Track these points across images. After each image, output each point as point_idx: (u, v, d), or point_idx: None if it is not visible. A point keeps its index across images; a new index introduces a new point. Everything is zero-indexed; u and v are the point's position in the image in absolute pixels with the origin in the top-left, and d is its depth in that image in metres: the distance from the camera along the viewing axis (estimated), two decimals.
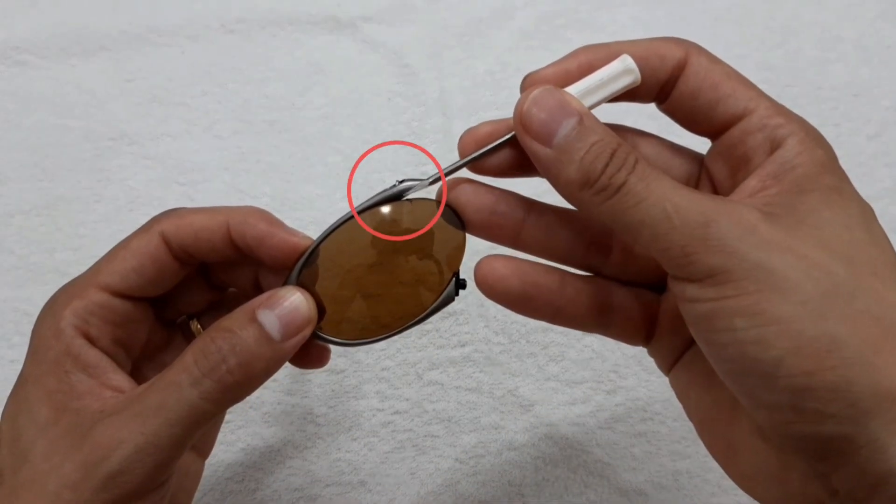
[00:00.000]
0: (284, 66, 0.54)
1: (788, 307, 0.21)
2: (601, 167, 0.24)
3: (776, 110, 0.26)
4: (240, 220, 0.29)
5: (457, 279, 0.29)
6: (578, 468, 0.44)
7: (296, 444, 0.45)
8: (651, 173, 0.24)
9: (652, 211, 0.23)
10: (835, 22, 0.56)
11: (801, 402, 0.21)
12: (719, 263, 0.22)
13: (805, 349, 0.21)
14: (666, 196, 0.23)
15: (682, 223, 0.23)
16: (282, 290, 0.28)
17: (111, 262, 0.29)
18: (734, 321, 0.22)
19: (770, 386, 0.22)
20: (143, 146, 0.52)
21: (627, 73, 0.26)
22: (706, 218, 0.22)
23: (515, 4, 0.57)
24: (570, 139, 0.24)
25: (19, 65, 0.54)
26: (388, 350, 0.47)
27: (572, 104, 0.25)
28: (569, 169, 0.24)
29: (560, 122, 0.24)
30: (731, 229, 0.22)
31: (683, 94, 0.26)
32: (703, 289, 0.23)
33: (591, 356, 0.47)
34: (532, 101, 0.25)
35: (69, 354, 0.27)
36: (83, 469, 0.25)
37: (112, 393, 0.27)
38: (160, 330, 0.32)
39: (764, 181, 0.25)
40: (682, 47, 0.26)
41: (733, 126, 0.26)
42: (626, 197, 0.23)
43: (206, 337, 0.27)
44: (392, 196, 0.29)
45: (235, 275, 0.32)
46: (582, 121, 0.24)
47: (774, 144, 0.25)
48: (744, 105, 0.26)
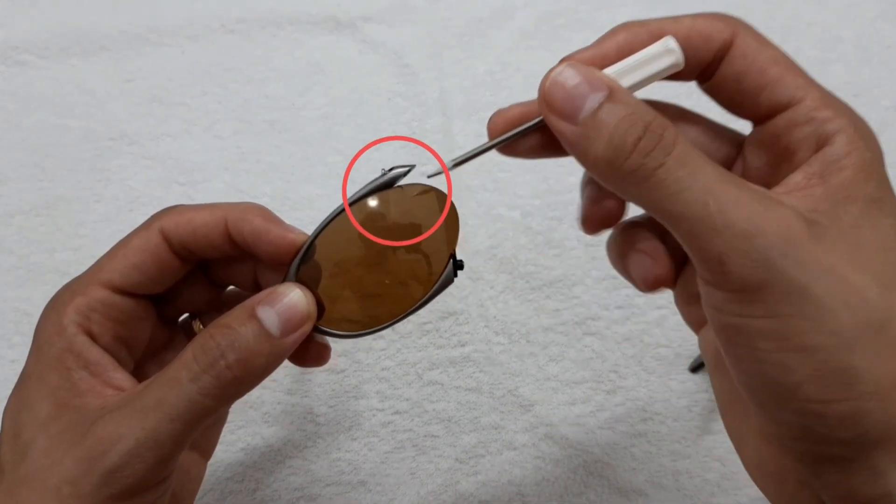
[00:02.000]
0: (284, 66, 0.54)
1: (818, 337, 0.21)
2: (633, 141, 0.22)
3: (825, 101, 0.24)
4: (238, 216, 0.29)
5: (454, 260, 0.29)
6: (578, 468, 0.44)
7: (296, 444, 0.45)
8: (693, 157, 0.22)
9: (692, 206, 0.21)
10: (835, 22, 0.56)
11: (812, 425, 0.21)
12: (757, 279, 0.21)
13: (827, 378, 0.21)
14: (710, 189, 0.21)
15: (724, 226, 0.21)
16: (281, 286, 0.28)
17: (112, 259, 0.29)
18: (758, 341, 0.21)
19: (783, 406, 0.22)
20: (143, 146, 0.52)
21: (669, 56, 0.24)
22: (753, 227, 0.21)
23: (515, 4, 0.57)
24: (597, 113, 0.22)
25: (19, 65, 0.54)
26: (388, 350, 0.47)
27: (600, 78, 0.23)
28: (596, 146, 0.22)
29: (586, 97, 0.23)
30: (776, 244, 0.21)
31: (727, 77, 0.25)
32: (732, 302, 0.21)
33: (591, 356, 0.47)
34: (555, 76, 0.23)
35: (71, 352, 0.27)
36: (83, 464, 0.25)
37: (113, 391, 0.28)
38: (162, 329, 0.32)
39: (810, 178, 0.23)
40: (729, 26, 0.25)
41: (778, 115, 0.24)
42: (664, 183, 0.21)
43: (205, 333, 0.27)
44: (383, 185, 0.29)
45: (235, 272, 0.32)
46: (612, 94, 0.23)
47: (822, 140, 0.23)
48: (791, 93, 0.24)
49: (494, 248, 0.49)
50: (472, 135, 0.52)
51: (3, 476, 0.27)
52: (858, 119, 0.24)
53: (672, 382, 0.46)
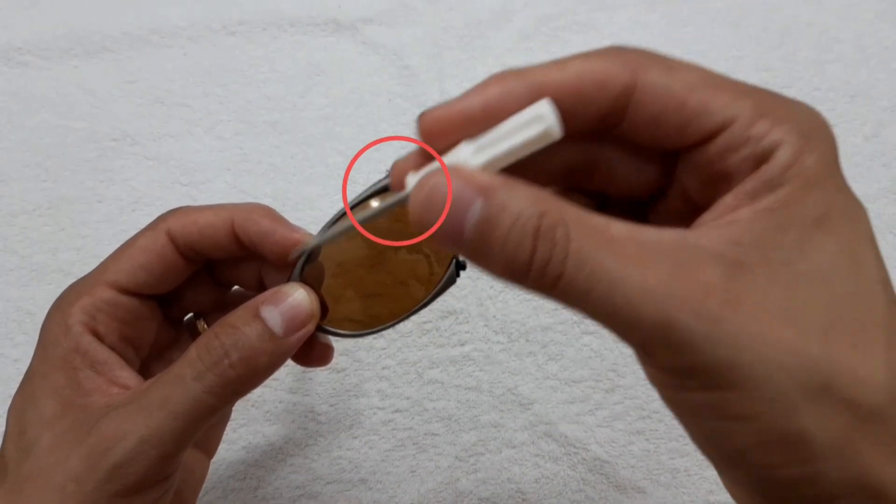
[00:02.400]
0: (285, 67, 0.55)
1: (755, 406, 0.19)
2: (526, 258, 0.20)
3: (760, 113, 0.21)
4: (244, 216, 0.29)
5: (457, 262, 0.30)
6: (577, 466, 0.45)
7: (297, 442, 0.45)
8: (589, 249, 0.19)
9: (602, 306, 0.20)
10: (833, 23, 0.56)
11: (767, 486, 0.21)
12: (682, 364, 0.20)
13: (770, 445, 0.20)
14: (614, 282, 0.19)
15: (637, 321, 0.19)
16: (285, 286, 0.28)
17: (118, 260, 0.29)
18: (700, 412, 0.21)
19: (736, 468, 0.21)
20: (145, 147, 0.52)
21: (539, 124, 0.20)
22: (665, 317, 0.19)
23: (515, 6, 0.57)
24: (480, 229, 0.20)
25: (22, 66, 0.54)
26: (388, 349, 0.47)
27: (468, 185, 0.20)
28: (494, 265, 0.20)
29: (463, 216, 0.20)
30: (695, 326, 0.19)
31: (639, 123, 0.22)
32: (667, 377, 0.21)
33: (589, 355, 0.47)
34: (423, 201, 0.20)
35: (77, 351, 0.28)
36: (88, 461, 0.26)
37: (119, 389, 0.28)
38: (168, 329, 0.33)
39: (739, 200, 0.21)
40: (627, 64, 0.21)
41: (710, 142, 0.21)
42: (568, 291, 0.20)
43: (210, 333, 0.27)
44: (385, 187, 0.29)
45: (240, 272, 0.32)
46: (488, 198, 0.20)
47: (759, 159, 0.21)
48: (720, 118, 0.21)
49: None
50: None
51: (7, 474, 0.27)
52: (805, 118, 0.22)
53: None
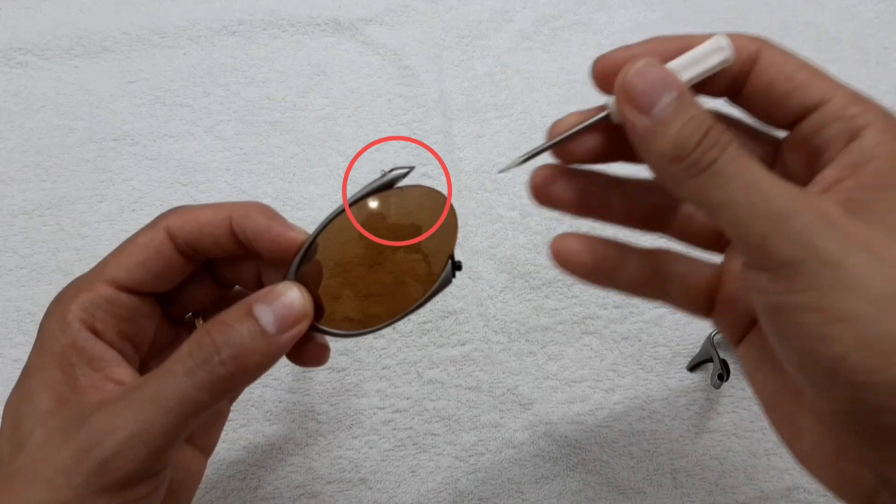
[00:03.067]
0: (286, 67, 0.55)
1: (856, 305, 0.21)
2: (695, 142, 0.24)
3: (853, 99, 0.25)
4: (241, 213, 0.29)
5: (453, 262, 0.30)
6: (577, 466, 0.45)
7: (297, 442, 0.45)
8: (742, 155, 0.23)
9: (737, 194, 0.23)
10: (833, 23, 0.56)
11: (863, 395, 0.22)
12: (796, 255, 0.22)
13: (869, 347, 0.21)
14: (753, 181, 0.23)
15: (765, 211, 0.23)
16: (279, 285, 0.28)
17: (118, 257, 0.29)
18: (801, 316, 0.22)
19: (833, 380, 0.22)
20: (145, 147, 0.52)
21: (720, 53, 0.26)
22: (790, 209, 0.22)
23: (515, 6, 0.57)
24: (668, 111, 0.24)
25: (22, 66, 0.54)
26: (388, 349, 0.47)
27: (674, 78, 0.25)
28: (663, 141, 0.24)
29: (660, 94, 0.24)
30: (812, 223, 0.22)
31: (756, 87, 0.27)
32: (775, 281, 0.23)
33: (589, 355, 0.47)
34: (636, 71, 0.25)
35: (75, 347, 0.28)
36: (77, 455, 0.26)
37: (114, 386, 0.28)
38: (168, 327, 0.33)
39: (841, 172, 0.25)
40: (754, 41, 0.26)
41: (808, 116, 0.26)
42: (714, 177, 0.23)
43: (202, 329, 0.27)
44: (382, 185, 0.29)
45: (239, 271, 0.32)
46: (682, 95, 0.24)
47: (852, 135, 0.25)
48: (819, 95, 0.26)
49: (494, 248, 0.49)
50: (471, 135, 0.52)
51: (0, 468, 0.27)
52: (887, 112, 0.25)
53: (670, 381, 0.46)
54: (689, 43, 0.27)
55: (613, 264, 0.30)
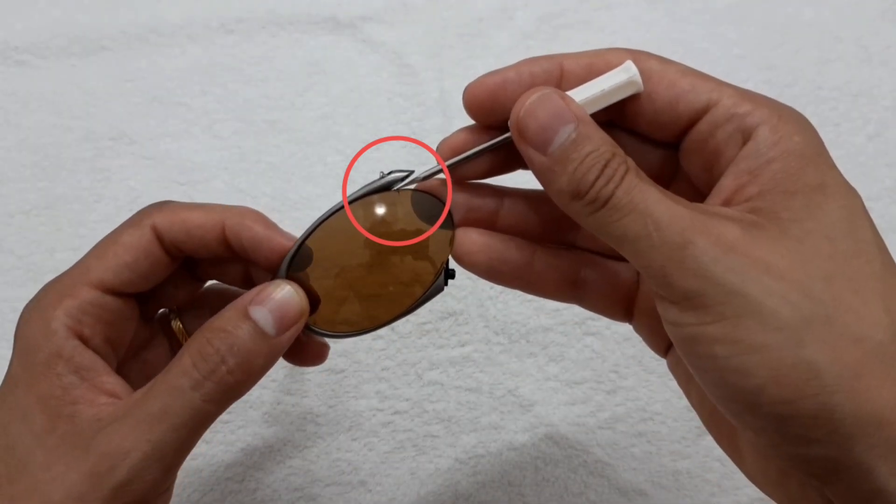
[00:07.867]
0: (284, 65, 0.54)
1: (765, 334, 0.21)
2: (593, 178, 0.23)
3: (743, 97, 0.24)
4: (236, 221, 0.28)
5: (446, 270, 0.29)
6: (578, 468, 0.44)
7: (296, 444, 0.45)
8: (639, 185, 0.23)
9: (633, 227, 0.22)
10: (835, 22, 0.56)
11: (785, 427, 0.21)
12: (695, 287, 0.21)
13: (784, 378, 0.21)
14: (648, 211, 0.22)
15: (661, 242, 0.22)
16: (271, 284, 0.28)
17: (102, 258, 0.28)
18: (714, 348, 0.21)
19: (753, 412, 0.22)
20: (143, 146, 0.52)
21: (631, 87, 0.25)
22: (684, 238, 0.22)
23: (515, 4, 0.57)
24: (564, 148, 0.23)
25: (19, 65, 0.54)
26: (387, 350, 0.47)
27: (570, 110, 0.24)
28: (561, 179, 0.23)
29: (556, 130, 0.23)
30: (707, 251, 0.21)
31: (639, 101, 0.25)
32: (684, 312, 0.22)
33: (591, 356, 0.47)
34: (529, 107, 0.24)
35: (61, 356, 0.27)
36: (91, 479, 0.25)
37: (106, 398, 0.27)
38: (143, 326, 0.32)
39: (739, 178, 0.24)
40: (629, 54, 0.25)
41: (700, 120, 0.25)
42: (611, 211, 0.23)
43: (201, 338, 0.26)
44: (380, 188, 0.29)
45: (224, 270, 0.32)
46: (579, 128, 0.23)
47: (745, 134, 0.24)
48: (706, 97, 0.24)
49: None
50: None
51: None
52: (783, 107, 0.24)
53: (672, 382, 0.46)
54: (558, 63, 0.26)
55: (513, 266, 0.29)
